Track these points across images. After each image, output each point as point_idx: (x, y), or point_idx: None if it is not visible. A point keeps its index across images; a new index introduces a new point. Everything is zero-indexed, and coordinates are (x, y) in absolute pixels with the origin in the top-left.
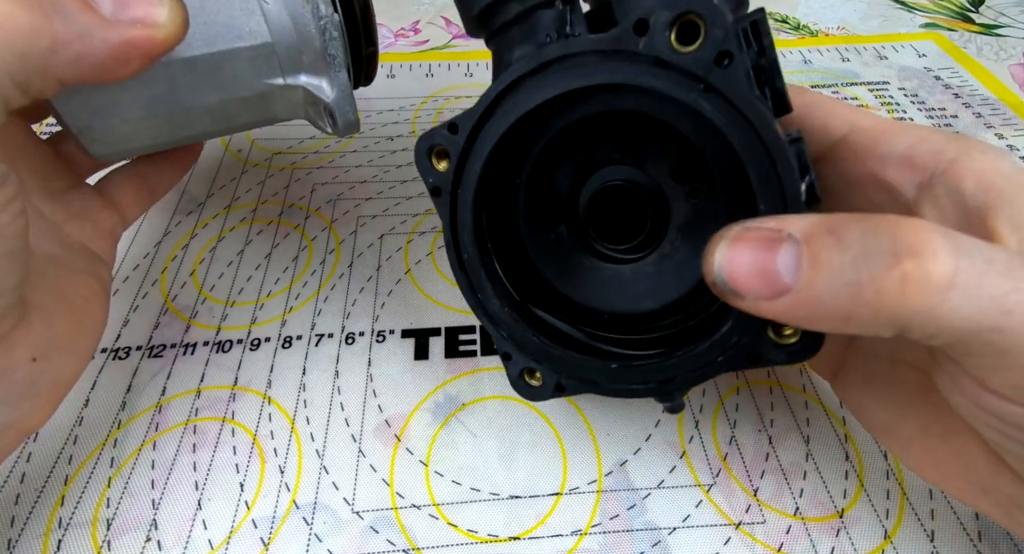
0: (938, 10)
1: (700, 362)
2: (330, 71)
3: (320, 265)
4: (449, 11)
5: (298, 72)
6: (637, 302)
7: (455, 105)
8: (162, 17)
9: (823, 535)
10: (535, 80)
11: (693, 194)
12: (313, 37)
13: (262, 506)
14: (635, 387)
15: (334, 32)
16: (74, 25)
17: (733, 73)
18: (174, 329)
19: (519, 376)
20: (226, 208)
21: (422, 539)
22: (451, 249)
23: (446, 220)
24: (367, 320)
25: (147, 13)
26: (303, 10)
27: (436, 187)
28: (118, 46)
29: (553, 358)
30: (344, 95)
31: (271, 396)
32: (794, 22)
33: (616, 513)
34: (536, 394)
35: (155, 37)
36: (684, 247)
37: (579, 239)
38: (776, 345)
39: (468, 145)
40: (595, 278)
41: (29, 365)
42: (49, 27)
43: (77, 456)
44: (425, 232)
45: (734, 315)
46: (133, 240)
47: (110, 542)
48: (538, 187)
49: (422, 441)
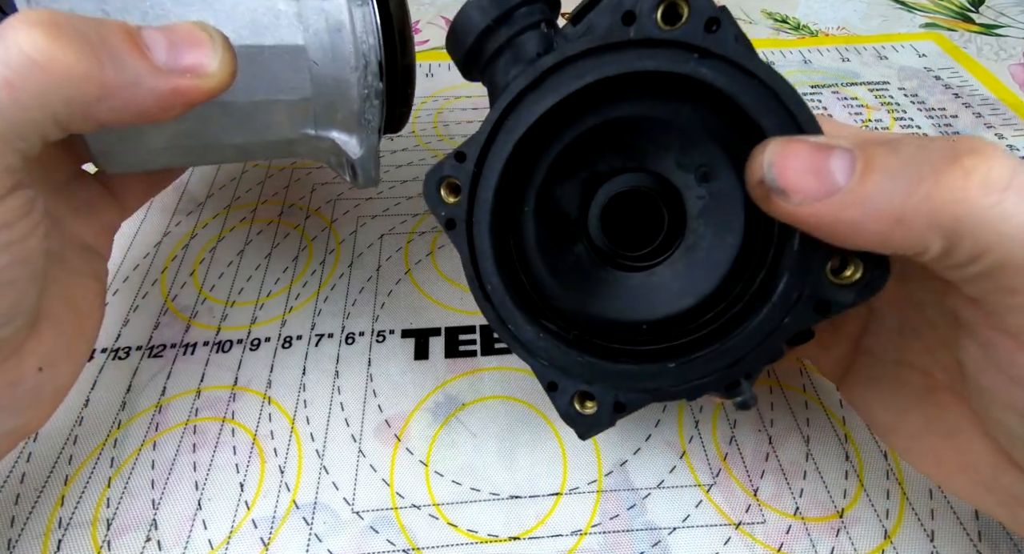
0: (938, 10)
1: (765, 330)
2: (362, 131)
3: (320, 265)
4: (449, 11)
5: (330, 127)
6: (675, 302)
7: (455, 105)
8: (213, 67)
9: (823, 535)
10: (535, 94)
11: (704, 178)
12: (353, 100)
13: (262, 506)
14: (700, 382)
15: (375, 100)
16: (126, 73)
17: (724, 35)
18: (174, 329)
19: (570, 405)
20: (226, 208)
21: (422, 539)
22: (473, 282)
23: (465, 253)
24: (367, 320)
25: (199, 62)
26: (351, 76)
27: (449, 219)
28: (165, 95)
29: (606, 375)
30: (370, 154)
31: (271, 396)
32: (794, 22)
33: (616, 513)
34: (594, 424)
35: (203, 87)
36: (709, 233)
37: (599, 256)
38: (840, 286)
39: (478, 169)
40: (625, 290)
41: (36, 375)
42: (101, 76)
43: (77, 456)
44: (425, 232)
45: (787, 269)
46: (133, 240)
47: (110, 542)
48: (547, 213)
49: (422, 441)
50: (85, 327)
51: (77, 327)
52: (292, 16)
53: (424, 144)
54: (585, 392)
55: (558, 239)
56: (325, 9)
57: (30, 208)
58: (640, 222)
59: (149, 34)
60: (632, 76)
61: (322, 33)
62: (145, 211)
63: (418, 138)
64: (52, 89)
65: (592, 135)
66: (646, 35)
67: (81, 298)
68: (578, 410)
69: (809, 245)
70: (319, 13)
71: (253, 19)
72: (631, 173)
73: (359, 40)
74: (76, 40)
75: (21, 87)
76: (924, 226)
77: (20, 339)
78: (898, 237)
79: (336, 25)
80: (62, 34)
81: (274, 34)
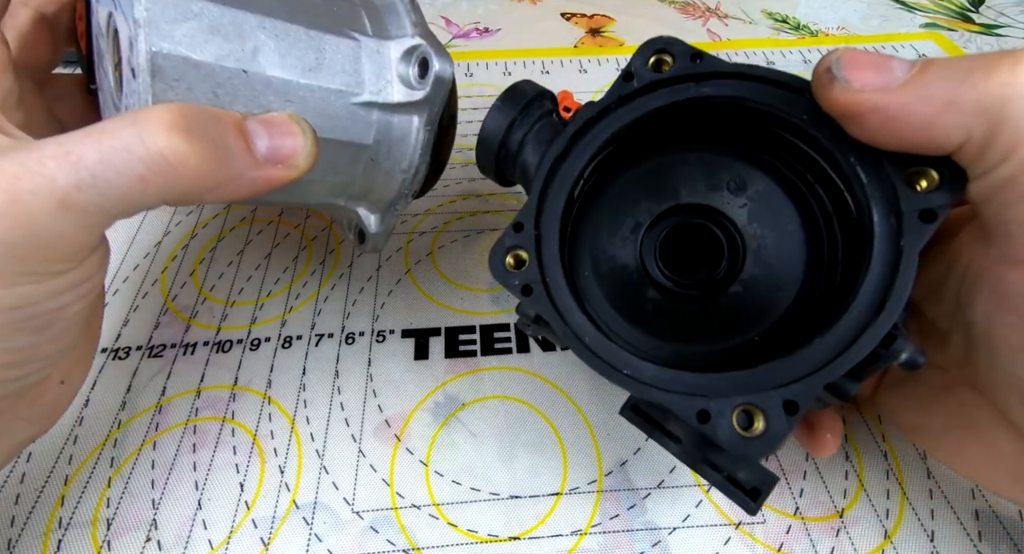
0: (938, 10)
1: (887, 263)
2: (386, 214)
3: (320, 265)
4: (449, 11)
5: (359, 203)
6: (775, 304)
7: None
8: (302, 158)
9: (823, 535)
10: (569, 159)
11: (738, 188)
12: (391, 192)
13: (262, 506)
14: (851, 351)
15: (410, 198)
16: (234, 170)
17: (708, 60)
18: (174, 329)
19: (732, 431)
20: (226, 208)
21: (422, 539)
22: (572, 339)
23: (551, 313)
24: (367, 320)
25: (292, 155)
26: (399, 176)
27: (525, 285)
28: (259, 183)
29: (747, 382)
30: (385, 231)
31: (271, 396)
32: (794, 22)
33: (616, 513)
34: (771, 439)
35: (290, 176)
36: (767, 231)
37: (674, 296)
38: (929, 193)
39: (538, 231)
40: (718, 314)
41: (58, 388)
42: (216, 174)
43: (77, 456)
44: (425, 232)
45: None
46: (133, 240)
47: (110, 542)
48: (607, 271)
49: (422, 441)
50: (91, 333)
51: (87, 334)
52: (370, 122)
53: None
54: (746, 406)
55: (628, 292)
56: (399, 123)
57: (103, 262)
58: (700, 251)
59: (254, 126)
60: (647, 118)
61: (389, 141)
62: (145, 211)
63: None
64: (176, 184)
65: (626, 188)
66: (647, 80)
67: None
68: (744, 434)
69: (874, 170)
70: (393, 125)
71: (337, 119)
72: (671, 212)
73: (415, 152)
74: (204, 142)
75: (151, 182)
76: (971, 110)
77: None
78: (946, 121)
79: (403, 137)
80: (195, 139)
81: (350, 133)
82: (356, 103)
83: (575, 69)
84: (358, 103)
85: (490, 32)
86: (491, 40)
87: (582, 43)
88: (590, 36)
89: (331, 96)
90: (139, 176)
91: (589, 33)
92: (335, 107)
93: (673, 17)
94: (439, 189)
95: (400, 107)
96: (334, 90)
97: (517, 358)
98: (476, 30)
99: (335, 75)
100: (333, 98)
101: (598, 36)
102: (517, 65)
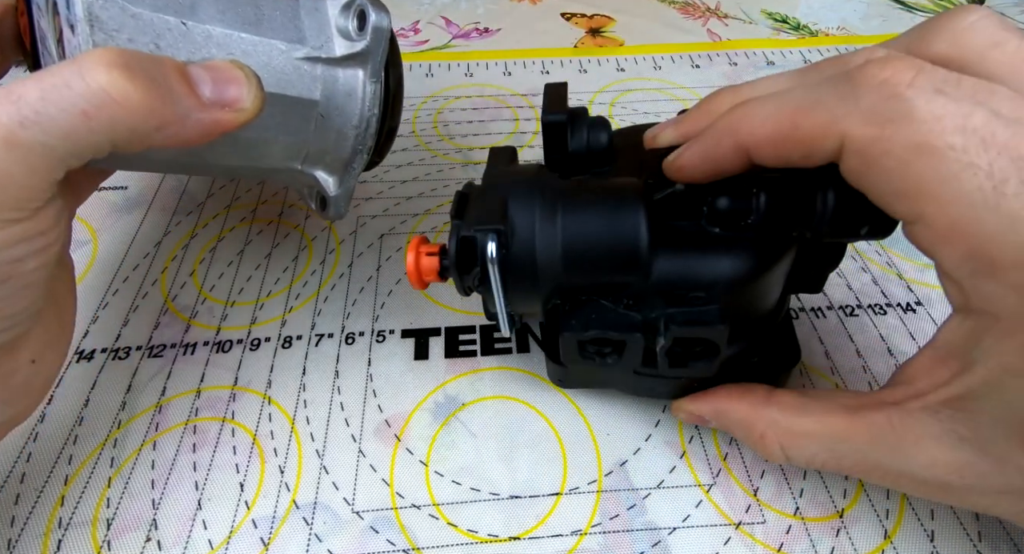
0: (938, 10)
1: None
2: (344, 175)
3: (320, 265)
4: (449, 11)
5: (316, 166)
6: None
7: (455, 105)
8: (248, 102)
9: (823, 535)
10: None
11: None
12: (346, 150)
13: (262, 506)
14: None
15: (364, 155)
16: (180, 108)
17: None
18: (174, 329)
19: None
20: (226, 208)
21: (422, 539)
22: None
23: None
24: (367, 320)
25: (237, 98)
26: (350, 133)
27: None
28: (207, 125)
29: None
30: (345, 194)
31: (271, 396)
32: (794, 22)
33: (616, 513)
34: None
35: (238, 119)
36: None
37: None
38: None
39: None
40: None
41: (29, 366)
42: (162, 111)
43: (77, 456)
44: (425, 232)
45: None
46: (133, 240)
47: (110, 542)
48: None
49: (422, 441)
50: (64, 317)
51: (58, 317)
52: (315, 77)
53: (424, 144)
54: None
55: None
56: (344, 77)
57: (60, 218)
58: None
59: (197, 71)
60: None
61: (336, 95)
62: (145, 211)
63: (418, 138)
64: (120, 121)
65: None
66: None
67: (58, 289)
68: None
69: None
70: (338, 79)
71: (282, 74)
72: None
73: (366, 106)
74: (145, 79)
75: (95, 117)
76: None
77: (20, 333)
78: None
79: (349, 91)
80: (135, 75)
81: (296, 88)
82: (299, 58)
83: (575, 69)
84: (301, 58)
85: (490, 32)
86: (491, 40)
87: (582, 43)
88: (590, 36)
89: (274, 51)
90: (81, 111)
91: (589, 33)
92: (279, 62)
93: (673, 17)
94: (439, 189)
95: (343, 61)
96: (276, 45)
97: (517, 358)
98: (476, 30)
99: (276, 30)
100: (276, 53)
101: (598, 36)
102: (517, 65)
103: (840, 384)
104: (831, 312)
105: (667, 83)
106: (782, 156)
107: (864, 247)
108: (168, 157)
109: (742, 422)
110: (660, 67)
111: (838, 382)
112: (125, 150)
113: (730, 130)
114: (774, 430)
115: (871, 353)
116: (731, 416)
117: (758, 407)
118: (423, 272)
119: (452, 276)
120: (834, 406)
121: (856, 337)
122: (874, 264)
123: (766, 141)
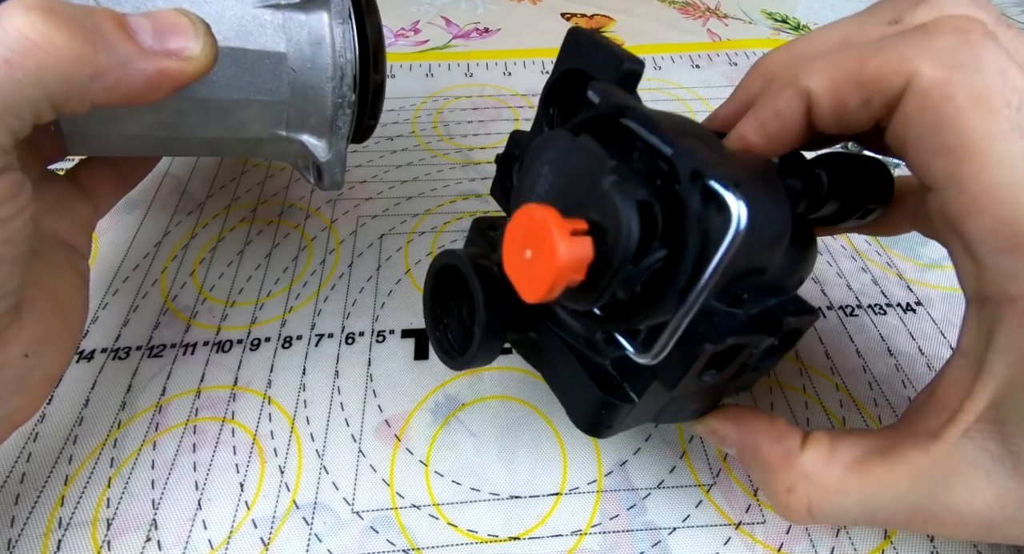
0: None
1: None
2: (331, 137)
3: (320, 265)
4: (449, 11)
5: (301, 131)
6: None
7: (455, 105)
8: (195, 51)
9: (823, 535)
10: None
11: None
12: (326, 107)
13: (262, 506)
14: None
15: (347, 110)
16: (116, 55)
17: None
18: (174, 329)
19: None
20: (226, 208)
21: (422, 539)
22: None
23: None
24: (367, 320)
25: (183, 46)
26: (326, 85)
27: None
28: (152, 76)
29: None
30: (337, 159)
31: (271, 396)
32: (794, 22)
33: (616, 513)
34: None
35: (187, 69)
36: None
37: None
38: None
39: None
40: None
41: (22, 361)
42: (94, 57)
43: (77, 456)
44: (425, 232)
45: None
46: (133, 240)
47: (110, 542)
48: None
49: (422, 441)
50: (69, 318)
51: (60, 317)
52: (277, 26)
53: (424, 144)
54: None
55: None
56: (308, 23)
57: (18, 190)
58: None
59: (135, 20)
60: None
61: (303, 44)
62: (145, 211)
63: (418, 138)
64: (48, 69)
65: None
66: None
67: (62, 290)
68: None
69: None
70: (302, 26)
71: (240, 24)
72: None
73: (337, 53)
74: (70, 23)
75: (19, 65)
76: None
77: (5, 323)
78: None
79: (317, 38)
80: (58, 18)
81: (258, 40)
82: (257, 6)
83: None
84: (259, 6)
85: (490, 32)
86: (491, 40)
87: None
88: None
89: (228, 1)
90: (4, 60)
91: None
92: (235, 11)
93: (673, 17)
94: (439, 189)
95: (305, 4)
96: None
97: (517, 358)
98: (476, 30)
99: None
100: (230, 2)
101: None
102: (517, 65)
103: (840, 384)
104: (831, 312)
105: (667, 83)
106: (840, 103)
107: (864, 247)
108: (142, 130)
109: (769, 466)
110: (660, 67)
111: (838, 382)
112: (69, 108)
113: (791, 78)
114: (804, 485)
115: (871, 353)
116: (758, 454)
117: (793, 455)
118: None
119: (613, 272)
120: (867, 451)
121: (856, 337)
122: (874, 264)
123: (829, 84)
